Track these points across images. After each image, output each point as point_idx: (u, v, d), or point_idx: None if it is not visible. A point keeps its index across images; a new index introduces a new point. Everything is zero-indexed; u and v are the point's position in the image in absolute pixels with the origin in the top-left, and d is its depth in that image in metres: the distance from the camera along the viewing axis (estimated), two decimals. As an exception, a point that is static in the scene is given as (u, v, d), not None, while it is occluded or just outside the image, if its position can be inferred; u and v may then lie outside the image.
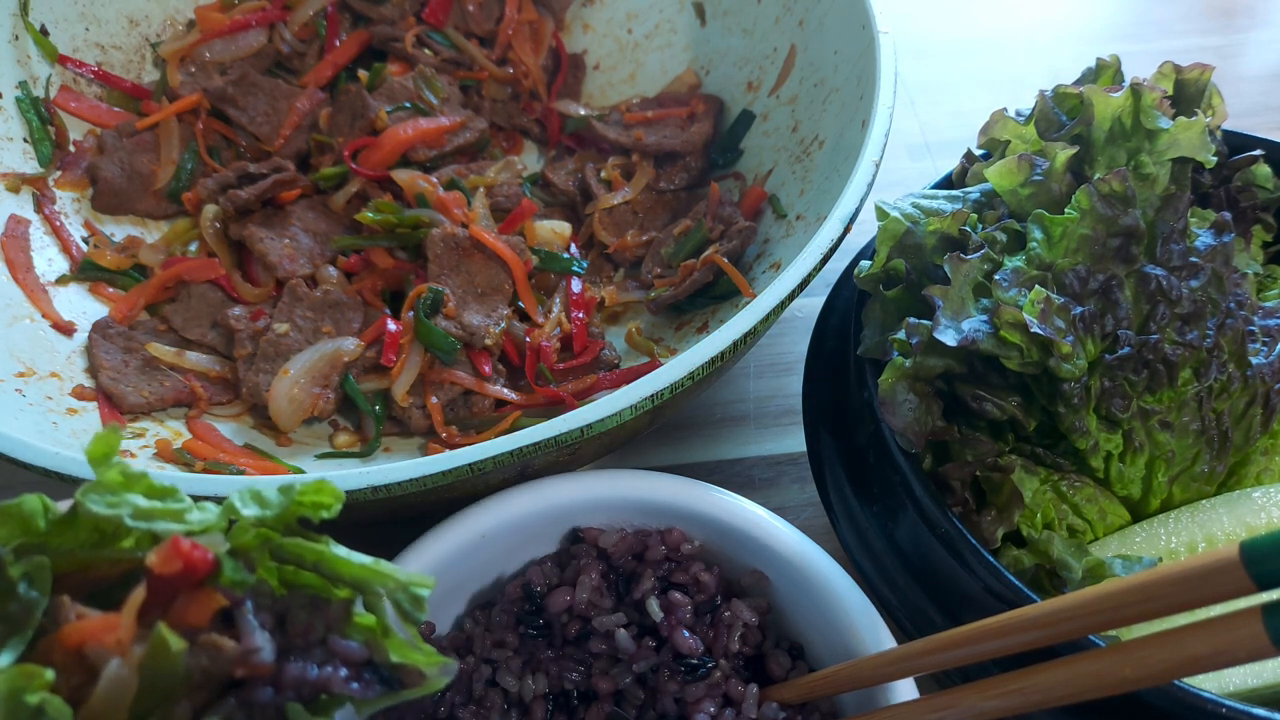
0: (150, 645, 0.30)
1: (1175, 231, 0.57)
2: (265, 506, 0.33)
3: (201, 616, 0.31)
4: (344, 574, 0.34)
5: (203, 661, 0.30)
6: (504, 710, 0.55)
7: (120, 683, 0.29)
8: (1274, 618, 0.32)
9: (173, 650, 0.30)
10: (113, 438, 0.32)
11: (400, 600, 0.33)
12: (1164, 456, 0.57)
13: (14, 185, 0.81)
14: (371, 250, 0.81)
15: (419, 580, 0.34)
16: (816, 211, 0.74)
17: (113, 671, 0.29)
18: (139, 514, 0.32)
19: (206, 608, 0.31)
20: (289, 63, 0.94)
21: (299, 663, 0.31)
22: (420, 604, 0.33)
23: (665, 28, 0.98)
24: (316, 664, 0.32)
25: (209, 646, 0.31)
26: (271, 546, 0.34)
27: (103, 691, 0.29)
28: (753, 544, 0.57)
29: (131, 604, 0.30)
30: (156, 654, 0.30)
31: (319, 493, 0.34)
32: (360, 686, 0.32)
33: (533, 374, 0.76)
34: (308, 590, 0.34)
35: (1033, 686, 0.41)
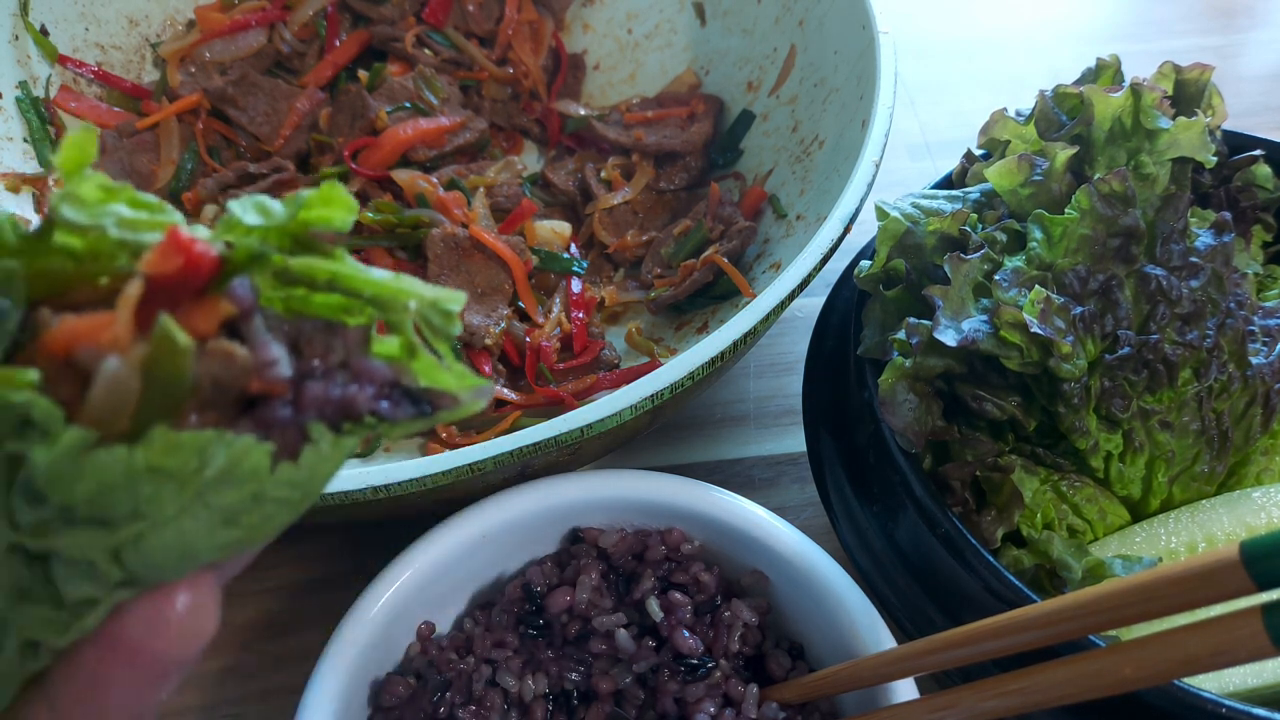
0: (154, 342, 0.25)
1: (1175, 231, 0.57)
2: (268, 216, 0.29)
3: (208, 325, 0.27)
4: (363, 290, 0.29)
5: (213, 369, 0.26)
6: (504, 710, 0.55)
7: (121, 382, 0.25)
8: (1274, 618, 0.32)
9: (180, 346, 0.25)
10: (87, 140, 0.27)
11: (429, 316, 0.29)
12: (1164, 456, 0.57)
13: (14, 185, 0.81)
14: (371, 250, 0.81)
15: (447, 294, 0.29)
16: (816, 211, 0.74)
17: (111, 368, 0.24)
18: (124, 224, 0.27)
19: (212, 315, 0.27)
20: (289, 63, 0.94)
21: (320, 381, 0.27)
22: (451, 319, 0.29)
23: (665, 28, 0.98)
24: (339, 384, 0.28)
25: (219, 353, 0.26)
26: (276, 269, 0.29)
27: (101, 393, 0.24)
28: (753, 544, 0.57)
29: (128, 298, 0.25)
30: (161, 352, 0.25)
31: (327, 203, 0.29)
32: (389, 405, 0.28)
33: (533, 374, 0.76)
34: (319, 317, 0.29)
35: (1033, 686, 0.41)
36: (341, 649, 0.53)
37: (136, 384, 0.25)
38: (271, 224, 0.28)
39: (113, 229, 0.27)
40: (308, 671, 0.52)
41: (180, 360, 0.25)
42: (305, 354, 0.28)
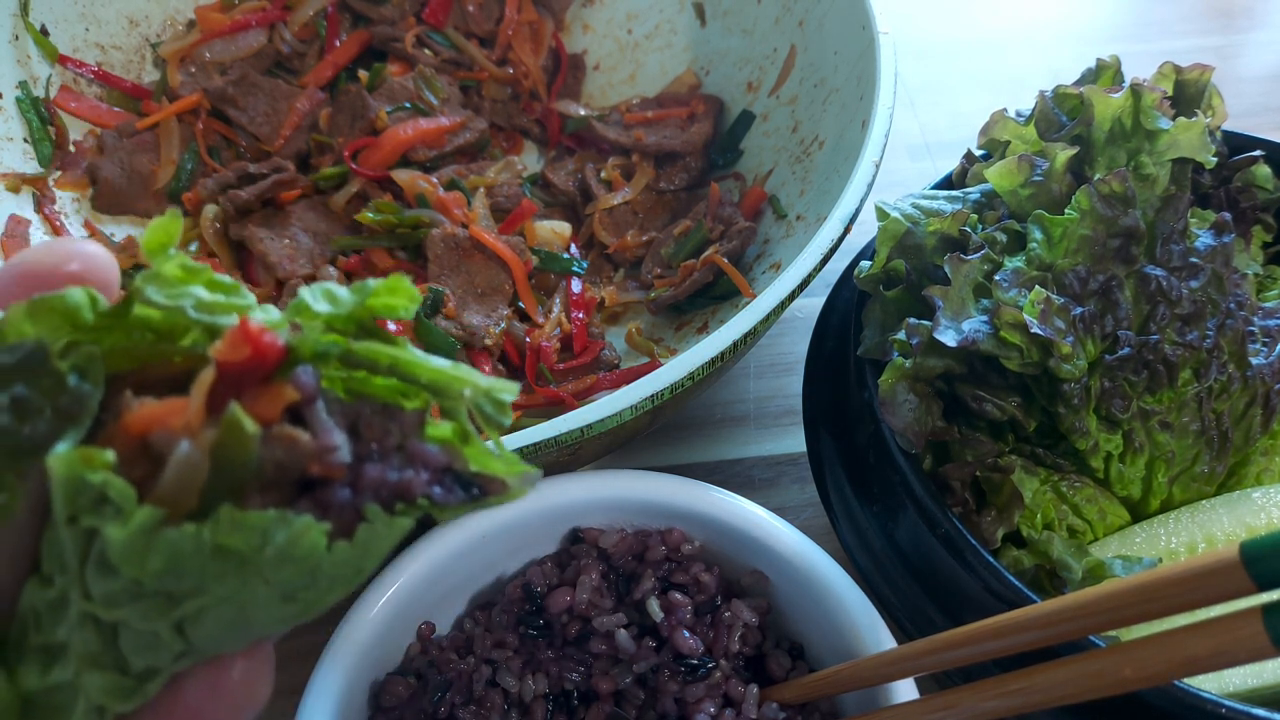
0: (223, 428, 0.27)
1: (1175, 232, 0.57)
2: (336, 304, 0.30)
3: (272, 411, 0.28)
4: (421, 377, 0.31)
5: (276, 454, 0.27)
6: (504, 710, 0.55)
7: (191, 465, 0.26)
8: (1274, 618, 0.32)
9: (247, 433, 0.27)
10: (172, 225, 0.29)
11: (482, 405, 0.31)
12: (1164, 457, 0.57)
13: (14, 185, 0.81)
14: (371, 250, 0.81)
15: (501, 384, 0.31)
16: (816, 212, 0.74)
17: (183, 453, 0.26)
18: (201, 306, 0.29)
19: (277, 401, 0.28)
20: (289, 63, 0.94)
21: (378, 464, 0.29)
22: (504, 409, 0.31)
23: (665, 28, 0.98)
24: (395, 468, 0.29)
25: (284, 439, 0.28)
26: (340, 352, 0.31)
27: (172, 475, 0.26)
28: (753, 544, 0.57)
29: (201, 384, 0.27)
30: (229, 438, 0.27)
31: (393, 293, 0.30)
32: (442, 491, 0.29)
33: (533, 374, 0.76)
34: (377, 399, 0.31)
35: (1033, 687, 0.41)
36: (342, 649, 0.53)
37: (205, 466, 0.26)
38: (339, 311, 0.30)
39: (191, 311, 0.29)
40: (308, 672, 0.52)
41: (247, 445, 0.27)
42: (364, 436, 0.29)
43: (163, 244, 0.29)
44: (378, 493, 0.28)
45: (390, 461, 0.29)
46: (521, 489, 0.30)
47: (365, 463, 0.29)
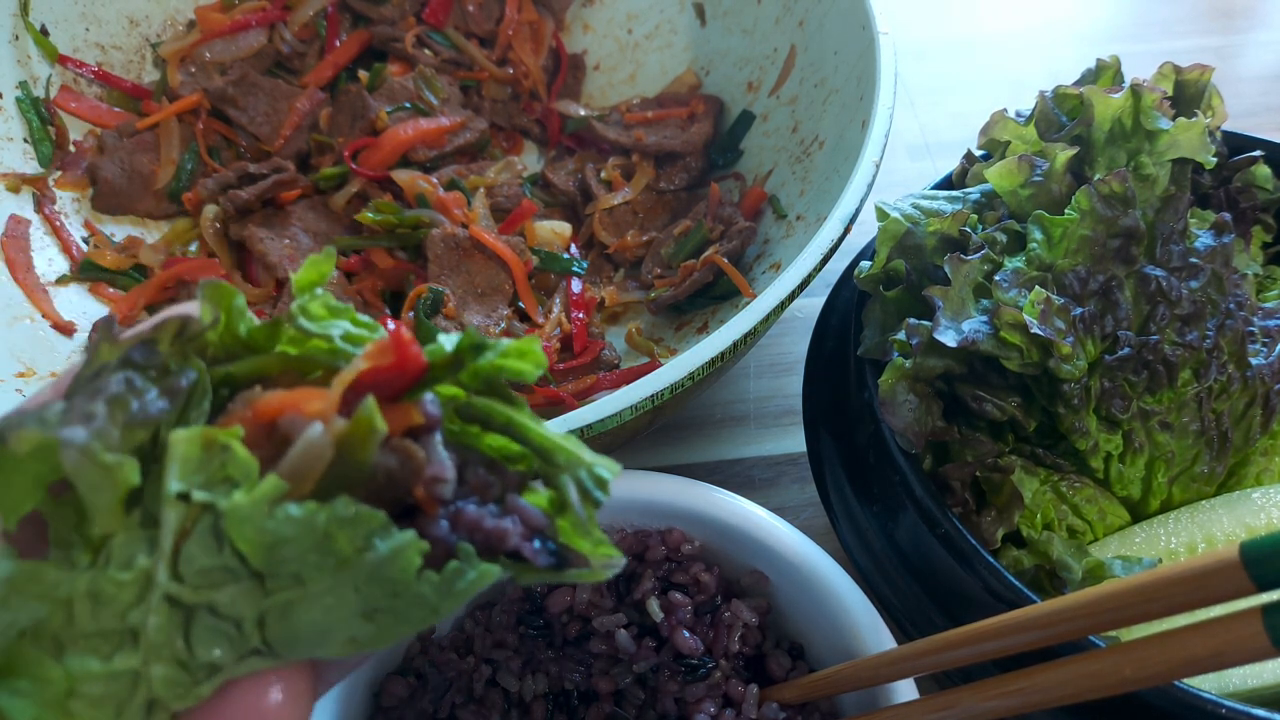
0: (355, 420, 0.27)
1: (1175, 232, 0.57)
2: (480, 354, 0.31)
3: (396, 425, 0.29)
4: (533, 439, 0.31)
5: (391, 464, 0.28)
6: (504, 710, 0.55)
7: (317, 449, 0.27)
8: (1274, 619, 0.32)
9: (376, 430, 0.27)
10: (325, 264, 0.30)
11: (583, 479, 0.31)
12: (1164, 457, 0.57)
13: (14, 185, 0.81)
14: (371, 250, 0.81)
15: (606, 462, 0.31)
16: (816, 212, 0.74)
17: (313, 435, 0.27)
18: (349, 338, 0.31)
19: (402, 420, 0.29)
20: (289, 63, 0.94)
21: (477, 508, 0.29)
22: (604, 486, 0.31)
23: (665, 28, 0.98)
24: (493, 515, 0.29)
25: (402, 450, 0.28)
26: (459, 405, 0.32)
27: (298, 455, 0.27)
28: (753, 544, 0.57)
29: (344, 377, 0.28)
30: (358, 430, 0.27)
31: (522, 356, 0.31)
32: (532, 549, 0.29)
33: (533, 374, 0.76)
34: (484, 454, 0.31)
35: (1033, 687, 0.41)
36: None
37: (330, 453, 0.27)
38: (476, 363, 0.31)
39: (339, 340, 0.31)
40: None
41: (370, 443, 0.27)
42: (468, 481, 0.30)
43: (312, 282, 0.31)
44: (473, 534, 0.29)
45: (489, 509, 0.29)
46: (604, 572, 0.30)
47: (466, 503, 0.29)
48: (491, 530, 0.29)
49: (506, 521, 0.29)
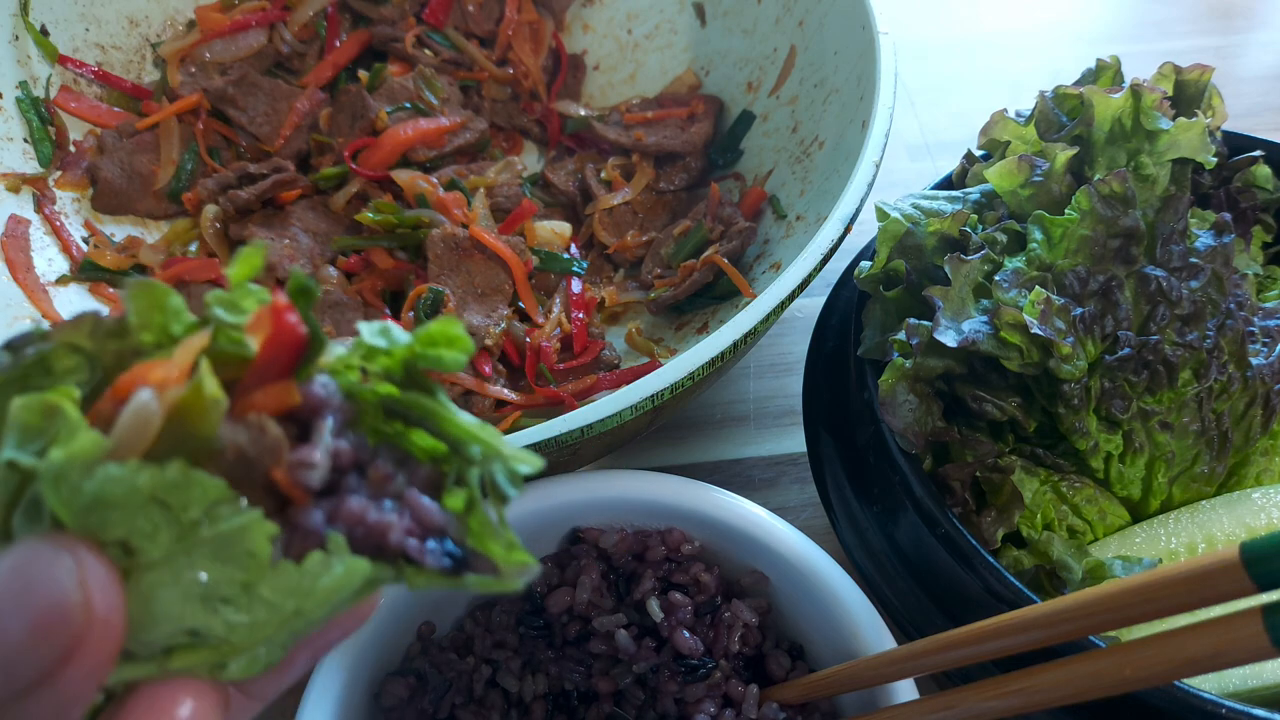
0: (189, 388, 0.25)
1: (1175, 232, 0.57)
2: (392, 341, 0.29)
3: (269, 404, 0.27)
4: (447, 429, 0.29)
5: (240, 439, 0.26)
6: (504, 710, 0.55)
7: (143, 415, 0.25)
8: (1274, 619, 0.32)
9: (207, 397, 0.25)
10: (256, 256, 0.28)
11: (495, 472, 0.29)
12: (1164, 457, 0.57)
13: (14, 185, 0.81)
14: (371, 250, 0.81)
15: (524, 456, 0.29)
16: (816, 212, 0.74)
17: (139, 400, 0.25)
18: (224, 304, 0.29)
19: (279, 399, 0.27)
20: (289, 63, 0.94)
21: (363, 498, 0.27)
22: (518, 481, 0.29)
23: (665, 28, 0.98)
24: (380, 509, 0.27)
25: (252, 425, 0.26)
26: (386, 402, 0.29)
27: (124, 420, 0.25)
28: (753, 544, 0.57)
29: (190, 345, 0.26)
30: (195, 400, 0.25)
31: (448, 341, 0.29)
32: (418, 547, 0.27)
33: (533, 374, 0.76)
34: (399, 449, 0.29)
35: (1033, 687, 0.41)
36: (342, 649, 0.53)
37: (157, 421, 0.25)
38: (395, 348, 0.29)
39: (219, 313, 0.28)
40: (308, 672, 0.52)
41: (210, 414, 0.25)
42: (369, 476, 0.28)
43: (246, 275, 0.28)
44: (353, 529, 0.26)
45: (379, 504, 0.27)
46: (513, 580, 0.28)
47: (354, 496, 0.27)
48: (374, 524, 0.26)
49: (392, 515, 0.27)
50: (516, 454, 0.29)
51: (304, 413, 0.27)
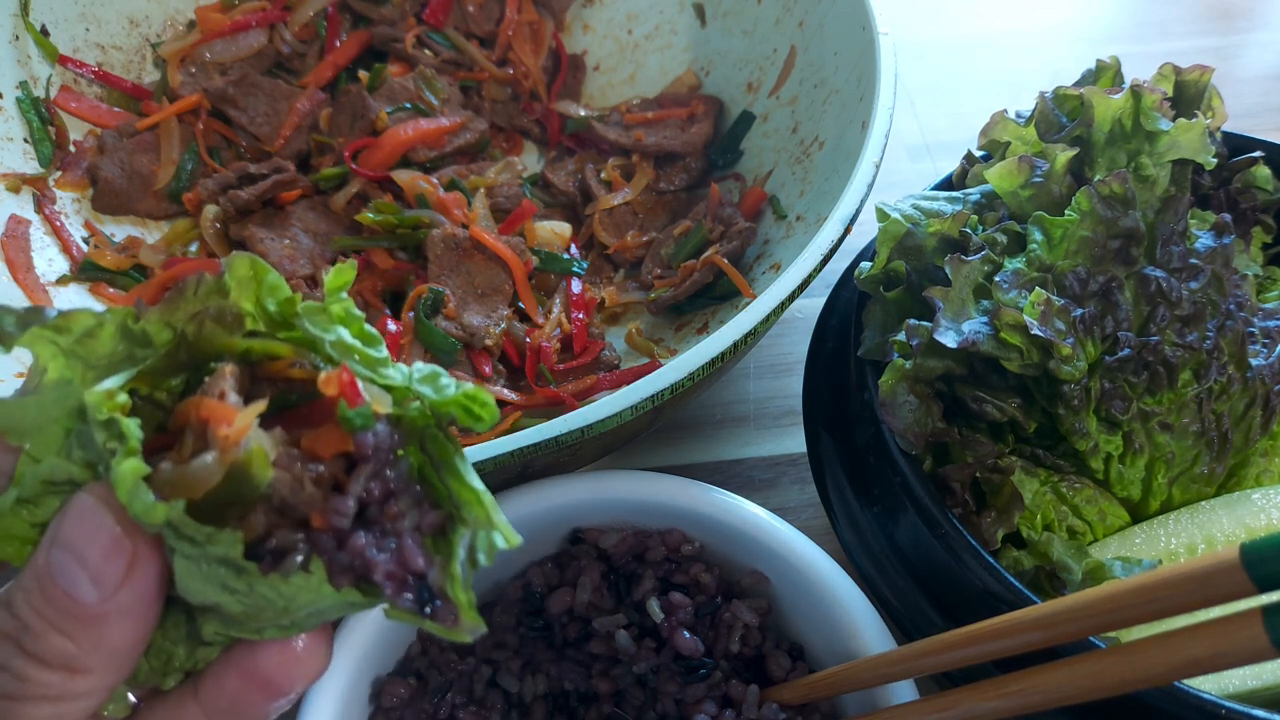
0: (247, 455, 0.31)
1: (1175, 233, 0.57)
2: (438, 390, 0.34)
3: (325, 450, 0.33)
4: (452, 485, 0.34)
5: (284, 490, 0.32)
6: (504, 711, 0.55)
7: (205, 473, 0.31)
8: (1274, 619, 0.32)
9: (261, 469, 0.31)
10: (348, 272, 0.35)
11: (477, 539, 0.33)
12: (1164, 458, 0.57)
13: (14, 185, 0.81)
14: (372, 251, 0.81)
15: (506, 530, 0.33)
16: (816, 212, 0.74)
17: (204, 462, 0.31)
18: (338, 346, 0.34)
19: (331, 444, 0.33)
20: (289, 63, 0.94)
21: (368, 538, 0.32)
22: (492, 553, 0.33)
23: (665, 29, 0.98)
24: (378, 549, 0.32)
25: (296, 480, 0.32)
26: (426, 435, 0.34)
27: (189, 471, 0.31)
28: (753, 545, 0.57)
29: (251, 409, 0.32)
30: (249, 464, 0.31)
31: (476, 401, 0.34)
32: (393, 589, 0.32)
33: (533, 374, 0.77)
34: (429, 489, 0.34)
35: (1033, 687, 0.41)
36: (342, 649, 0.53)
37: (217, 478, 0.31)
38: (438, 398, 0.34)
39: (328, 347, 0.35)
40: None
41: (259, 476, 0.31)
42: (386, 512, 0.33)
43: (338, 286, 0.35)
44: (353, 560, 0.32)
45: (382, 542, 0.32)
46: (461, 632, 0.33)
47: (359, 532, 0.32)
48: (369, 561, 0.32)
49: (382, 555, 0.32)
50: (504, 529, 0.33)
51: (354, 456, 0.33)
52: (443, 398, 0.34)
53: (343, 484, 0.33)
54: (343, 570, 0.32)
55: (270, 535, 0.32)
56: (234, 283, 0.34)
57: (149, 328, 0.34)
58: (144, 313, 0.34)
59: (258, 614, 0.33)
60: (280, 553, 0.32)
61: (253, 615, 0.33)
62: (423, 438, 0.35)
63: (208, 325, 0.34)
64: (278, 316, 0.35)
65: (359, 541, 0.32)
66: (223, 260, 0.34)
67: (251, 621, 0.34)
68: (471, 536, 0.33)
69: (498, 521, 0.33)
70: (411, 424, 0.35)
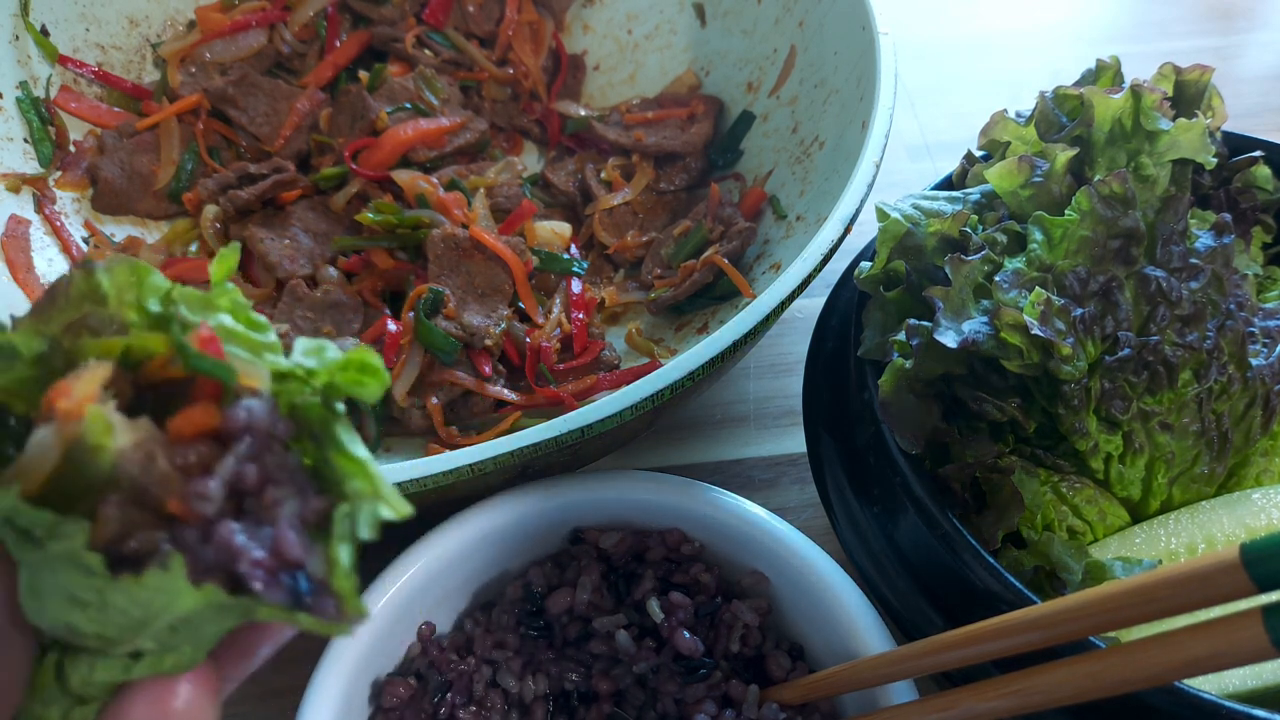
0: (84, 424, 0.27)
1: (1175, 233, 0.57)
2: (321, 359, 0.31)
3: (189, 428, 0.29)
4: (334, 458, 0.30)
5: (133, 470, 0.28)
6: (504, 711, 0.55)
7: (41, 451, 0.27)
8: (1274, 619, 0.32)
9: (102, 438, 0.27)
10: (231, 258, 0.31)
11: (359, 510, 0.29)
12: (1164, 458, 0.57)
13: (14, 185, 0.81)
14: (372, 251, 0.81)
15: (395, 500, 0.29)
16: (816, 212, 0.74)
17: (38, 437, 0.28)
18: (220, 330, 0.31)
19: (198, 422, 0.29)
20: (289, 63, 0.94)
21: (237, 526, 0.28)
22: (376, 526, 0.29)
23: (665, 29, 0.98)
24: (248, 538, 0.28)
25: (146, 453, 0.28)
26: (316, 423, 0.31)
27: (25, 455, 0.28)
28: (753, 544, 0.57)
29: (92, 374, 0.28)
30: (87, 435, 0.27)
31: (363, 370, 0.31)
32: (264, 581, 0.27)
33: (533, 374, 0.77)
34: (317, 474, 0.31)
35: (1033, 687, 0.41)
36: (342, 650, 0.53)
37: (55, 456, 0.28)
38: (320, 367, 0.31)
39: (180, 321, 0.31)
40: (308, 672, 0.52)
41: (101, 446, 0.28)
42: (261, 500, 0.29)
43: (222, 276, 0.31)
44: (219, 553, 0.28)
45: (255, 532, 0.28)
46: (343, 624, 0.28)
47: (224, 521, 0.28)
48: (234, 549, 0.27)
49: (251, 543, 0.28)
50: (391, 498, 0.29)
51: (225, 434, 0.29)
52: (324, 363, 0.31)
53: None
54: (208, 564, 0.27)
55: (127, 536, 0.28)
56: (113, 290, 0.30)
57: (15, 339, 0.30)
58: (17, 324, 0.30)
59: (115, 634, 0.28)
60: (138, 557, 0.28)
61: (109, 637, 0.29)
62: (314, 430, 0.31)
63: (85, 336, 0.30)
64: (161, 316, 0.31)
65: (225, 531, 0.27)
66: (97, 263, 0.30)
67: (111, 646, 0.29)
68: (354, 511, 0.29)
69: (384, 492, 0.29)
70: (304, 415, 0.31)
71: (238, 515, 0.29)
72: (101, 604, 0.28)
